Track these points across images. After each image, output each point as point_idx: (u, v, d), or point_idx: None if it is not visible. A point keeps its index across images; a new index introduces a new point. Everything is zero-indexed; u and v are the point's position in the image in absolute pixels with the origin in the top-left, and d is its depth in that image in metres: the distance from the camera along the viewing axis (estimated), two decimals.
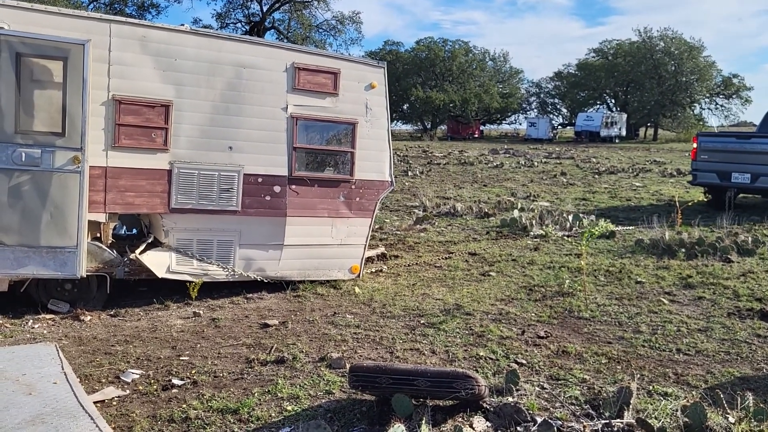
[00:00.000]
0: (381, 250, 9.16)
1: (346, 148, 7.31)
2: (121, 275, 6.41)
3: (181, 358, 5.07)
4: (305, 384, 4.57)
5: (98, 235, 6.44)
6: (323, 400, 4.31)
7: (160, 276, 6.51)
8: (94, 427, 3.44)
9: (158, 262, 6.54)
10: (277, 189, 6.94)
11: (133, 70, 6.21)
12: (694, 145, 13.97)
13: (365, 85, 7.31)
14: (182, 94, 6.43)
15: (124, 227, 7.86)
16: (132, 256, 6.42)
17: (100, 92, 6.06)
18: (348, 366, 4.69)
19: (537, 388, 4.52)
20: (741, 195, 14.17)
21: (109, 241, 6.54)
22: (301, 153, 7.06)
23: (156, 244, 6.79)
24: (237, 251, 6.91)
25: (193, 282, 6.70)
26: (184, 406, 4.19)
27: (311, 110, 7.04)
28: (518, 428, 3.78)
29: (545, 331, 5.90)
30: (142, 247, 6.61)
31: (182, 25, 6.60)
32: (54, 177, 5.79)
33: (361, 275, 7.69)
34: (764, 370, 5.02)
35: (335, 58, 7.46)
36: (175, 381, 4.60)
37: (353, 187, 7.39)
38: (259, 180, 6.86)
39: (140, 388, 4.49)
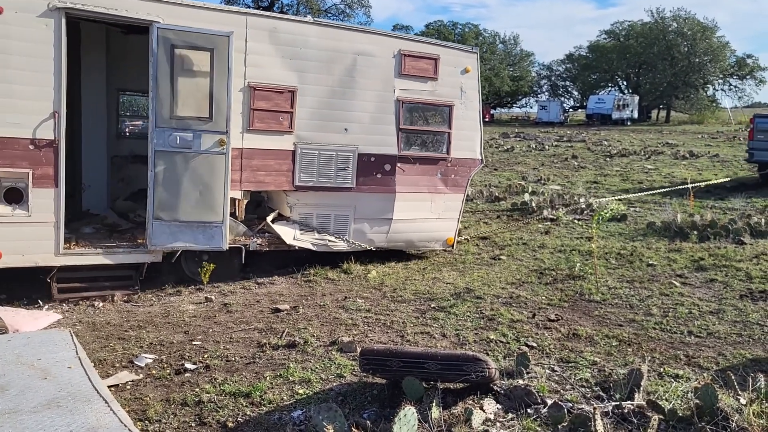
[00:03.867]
0: None
1: (444, 129, 7.88)
2: (254, 247, 6.98)
3: (193, 343, 5.12)
4: (316, 368, 4.61)
5: (233, 211, 6.93)
6: (334, 384, 4.34)
7: (288, 243, 7.06)
8: (109, 411, 3.48)
9: (286, 232, 7.13)
10: (387, 167, 7.56)
11: (265, 59, 6.78)
12: (751, 126, 14.72)
13: (461, 70, 7.86)
14: (305, 81, 7.00)
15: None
16: (262, 225, 7.11)
17: (238, 80, 6.62)
18: (359, 350, 4.71)
19: (547, 371, 4.53)
20: None
21: (242, 217, 7.11)
22: (406, 133, 7.67)
23: (279, 219, 7.37)
24: (352, 225, 7.55)
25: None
26: (197, 389, 4.23)
27: (415, 94, 7.64)
28: (528, 410, 3.80)
29: (556, 314, 5.89)
30: (270, 218, 7.24)
31: (306, 16, 7.08)
32: (203, 158, 6.38)
33: (454, 246, 8.30)
34: None
35: (435, 44, 8.05)
36: (188, 365, 4.65)
37: (449, 164, 7.97)
38: (372, 159, 7.47)
39: (153, 372, 4.54)
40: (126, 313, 5.92)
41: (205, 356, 4.83)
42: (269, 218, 7.20)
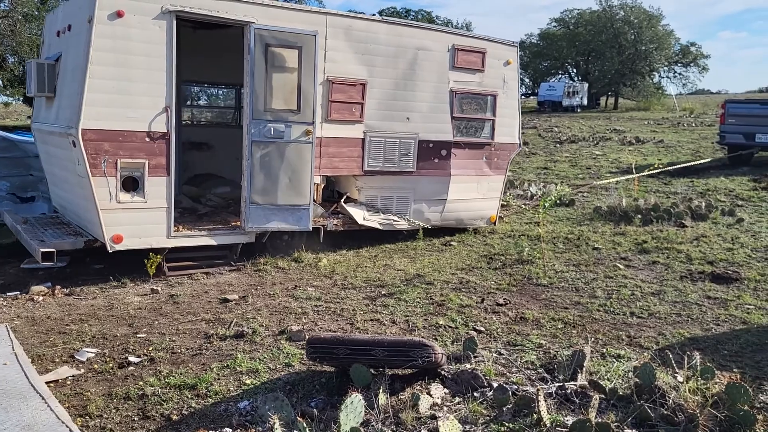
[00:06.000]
0: None
1: (489, 116, 8.59)
2: (331, 227, 7.59)
3: (138, 336, 5.00)
4: (265, 357, 4.56)
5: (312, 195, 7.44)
6: (283, 373, 4.31)
7: (359, 222, 7.72)
8: (45, 407, 3.38)
9: (357, 213, 7.76)
10: (443, 152, 8.23)
11: (341, 55, 7.31)
12: (722, 111, 15.85)
13: (503, 62, 8.60)
14: (374, 74, 7.57)
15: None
16: (335, 207, 7.68)
17: (318, 74, 7.07)
18: (308, 338, 4.68)
19: (494, 355, 4.59)
20: (758, 153, 15.69)
21: (320, 201, 7.66)
22: (458, 121, 8.30)
23: (347, 201, 7.88)
24: (412, 205, 8.24)
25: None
26: (141, 383, 4.14)
27: (465, 85, 8.29)
28: (475, 394, 3.84)
29: (504, 299, 5.97)
30: (342, 201, 7.81)
31: (374, 15, 7.48)
32: (293, 147, 6.96)
33: (496, 223, 9.05)
34: (713, 331, 5.18)
35: (482, 39, 8.63)
36: (132, 358, 4.54)
37: (493, 149, 8.68)
38: (431, 145, 8.13)
39: (96, 366, 4.42)
40: (67, 306, 5.75)
41: (150, 349, 4.73)
42: (342, 201, 7.76)
